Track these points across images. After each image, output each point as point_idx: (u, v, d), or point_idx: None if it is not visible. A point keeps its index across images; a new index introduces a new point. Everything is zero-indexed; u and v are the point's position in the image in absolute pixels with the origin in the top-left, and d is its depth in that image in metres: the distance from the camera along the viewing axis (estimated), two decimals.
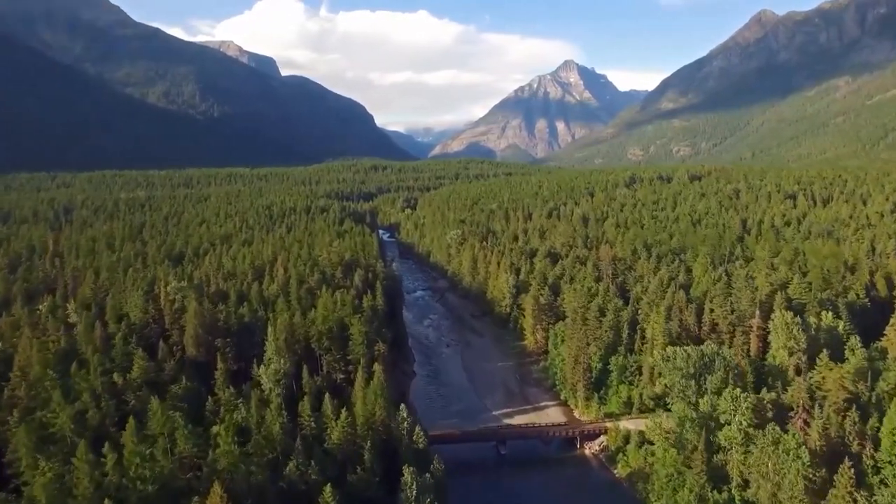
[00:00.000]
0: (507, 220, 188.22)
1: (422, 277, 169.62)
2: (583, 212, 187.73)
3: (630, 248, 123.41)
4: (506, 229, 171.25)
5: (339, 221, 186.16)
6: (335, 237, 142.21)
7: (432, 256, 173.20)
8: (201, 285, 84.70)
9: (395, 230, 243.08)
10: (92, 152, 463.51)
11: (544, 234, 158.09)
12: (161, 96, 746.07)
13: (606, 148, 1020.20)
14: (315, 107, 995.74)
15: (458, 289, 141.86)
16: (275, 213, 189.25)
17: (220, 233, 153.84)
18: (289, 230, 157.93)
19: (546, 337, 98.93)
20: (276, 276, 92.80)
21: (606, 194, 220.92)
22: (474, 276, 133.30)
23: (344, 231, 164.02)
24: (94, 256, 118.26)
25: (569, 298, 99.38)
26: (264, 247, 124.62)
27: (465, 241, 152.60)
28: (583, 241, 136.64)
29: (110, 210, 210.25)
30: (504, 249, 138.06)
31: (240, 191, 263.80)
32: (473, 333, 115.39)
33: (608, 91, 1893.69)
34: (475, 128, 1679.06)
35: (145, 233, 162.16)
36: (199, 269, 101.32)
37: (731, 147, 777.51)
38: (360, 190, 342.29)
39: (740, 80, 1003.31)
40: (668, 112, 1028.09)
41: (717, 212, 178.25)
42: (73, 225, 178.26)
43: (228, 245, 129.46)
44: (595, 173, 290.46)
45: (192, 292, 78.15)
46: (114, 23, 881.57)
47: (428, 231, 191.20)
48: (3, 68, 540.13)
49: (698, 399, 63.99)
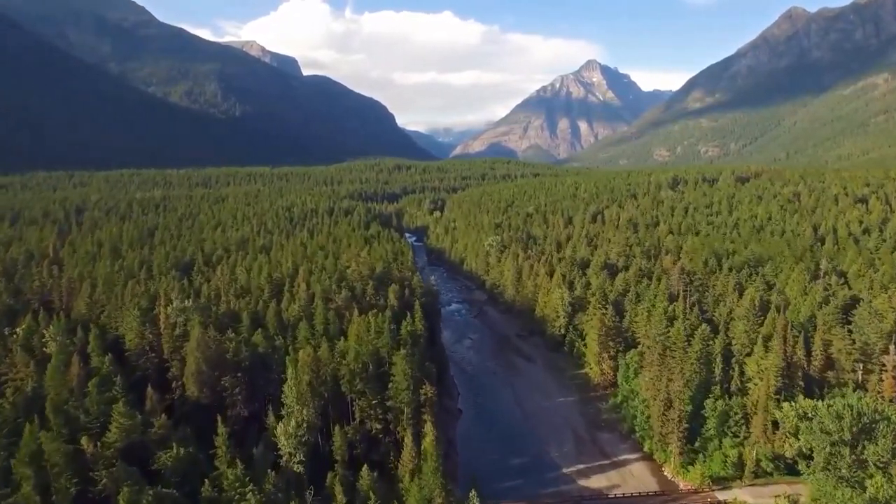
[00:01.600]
0: (547, 224, 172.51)
1: (455, 288, 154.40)
2: (630, 216, 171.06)
3: (700, 259, 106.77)
4: (547, 235, 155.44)
5: (365, 224, 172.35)
6: (362, 243, 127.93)
7: (467, 264, 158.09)
8: (208, 306, 70.63)
9: (424, 234, 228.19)
10: (113, 151, 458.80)
11: (592, 241, 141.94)
12: (183, 96, 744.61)
13: (631, 148, 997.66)
14: (336, 106, 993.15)
15: (499, 302, 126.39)
16: (295, 216, 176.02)
17: (235, 237, 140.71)
18: (311, 235, 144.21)
19: (614, 367, 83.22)
20: (297, 294, 78.54)
21: (651, 197, 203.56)
22: (518, 288, 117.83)
23: (371, 236, 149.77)
24: (94, 264, 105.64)
25: (642, 322, 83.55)
26: (284, 255, 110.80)
27: (506, 249, 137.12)
28: (641, 250, 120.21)
29: (123, 211, 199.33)
30: (550, 258, 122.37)
31: (259, 191, 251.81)
32: (522, 358, 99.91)
33: (631, 91, 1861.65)
34: (496, 128, 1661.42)
35: (157, 236, 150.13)
36: (210, 283, 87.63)
37: (763, 147, 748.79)
38: (384, 190, 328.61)
39: (770, 79, 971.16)
40: (694, 112, 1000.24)
41: (781, 217, 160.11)
42: (83, 227, 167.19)
43: (244, 252, 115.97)
44: (634, 174, 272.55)
45: (197, 315, 64.18)
46: (139, 23, 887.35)
47: (460, 236, 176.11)
48: (27, 68, 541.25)
49: (856, 473, 47.95)
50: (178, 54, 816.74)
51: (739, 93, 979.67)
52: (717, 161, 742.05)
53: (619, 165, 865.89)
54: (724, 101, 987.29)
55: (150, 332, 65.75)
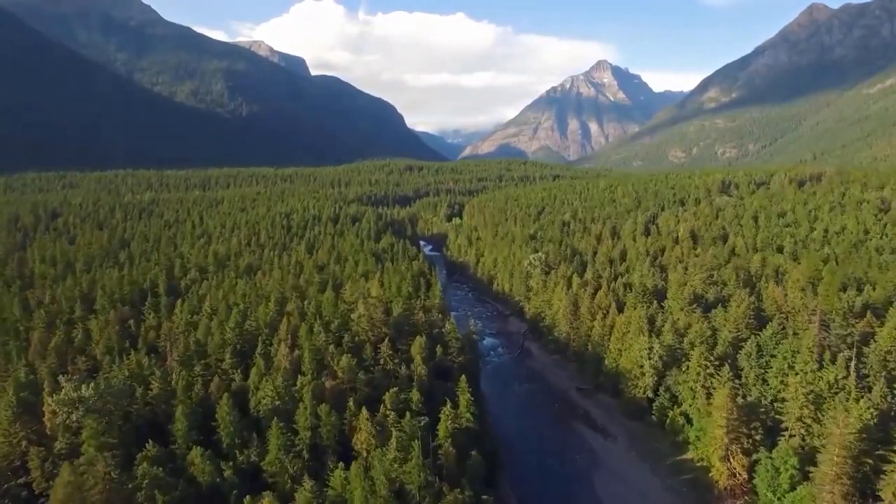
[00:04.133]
0: (589, 234, 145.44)
1: (485, 314, 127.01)
2: (690, 226, 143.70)
3: (831, 293, 79.25)
4: (597, 251, 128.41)
5: (375, 235, 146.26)
6: (373, 263, 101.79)
7: (497, 283, 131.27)
8: (127, 390, 44.27)
9: (442, 244, 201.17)
10: (116, 151, 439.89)
11: (657, 260, 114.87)
12: (189, 95, 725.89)
13: (645, 149, 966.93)
14: (344, 107, 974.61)
15: (547, 338, 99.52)
16: (294, 224, 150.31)
17: (220, 252, 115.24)
18: (309, 250, 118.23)
19: (748, 464, 56.20)
20: (275, 359, 52.38)
21: (707, 203, 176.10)
22: (575, 325, 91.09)
23: (383, 251, 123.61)
24: (13, 293, 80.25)
25: (794, 399, 56.55)
26: (271, 280, 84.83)
27: (552, 271, 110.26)
28: (737, 276, 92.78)
29: (103, 217, 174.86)
30: (613, 286, 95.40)
31: (258, 194, 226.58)
32: (592, 429, 72.84)
33: (642, 91, 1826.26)
34: (506, 129, 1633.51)
35: (133, 248, 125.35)
36: (158, 331, 61.59)
37: (784, 148, 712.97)
38: (395, 193, 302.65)
39: (790, 78, 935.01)
40: (710, 112, 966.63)
41: (879, 230, 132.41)
42: (45, 236, 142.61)
43: (222, 275, 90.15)
44: (674, 176, 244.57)
45: (93, 420, 37.85)
46: (146, 22, 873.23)
47: (487, 249, 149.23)
48: (34, 67, 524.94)
49: None
50: (184, 53, 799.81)
51: (757, 92, 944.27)
52: (736, 162, 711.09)
53: (633, 167, 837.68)
54: (741, 100, 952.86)
55: (28, 433, 39.73)
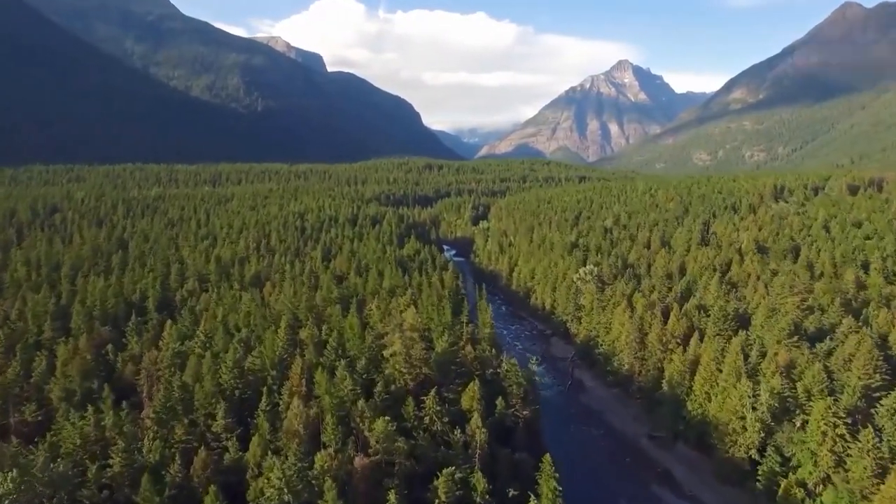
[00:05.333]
0: (635, 242, 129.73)
1: (524, 332, 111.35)
2: (753, 237, 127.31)
3: None
4: (650, 260, 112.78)
5: (398, 239, 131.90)
6: (398, 275, 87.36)
7: (537, 297, 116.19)
8: (61, 478, 30.34)
9: (468, 248, 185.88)
10: (127, 145, 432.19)
11: (726, 274, 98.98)
12: (204, 89, 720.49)
13: (668, 151, 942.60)
14: (361, 103, 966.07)
15: (604, 368, 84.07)
16: (309, 226, 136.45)
17: (224, 257, 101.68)
18: (326, 258, 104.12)
19: None
20: (286, 420, 37.97)
21: (764, 210, 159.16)
22: (641, 356, 75.98)
23: (408, 258, 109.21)
24: None
25: None
26: (282, 296, 70.65)
27: (608, 287, 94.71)
28: (842, 300, 76.68)
29: (105, 213, 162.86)
30: (687, 307, 79.86)
31: (270, 191, 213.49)
32: (676, 494, 57.67)
33: (664, 93, 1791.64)
34: (524, 129, 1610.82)
35: (130, 249, 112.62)
36: (140, 364, 47.53)
37: (816, 152, 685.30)
38: (415, 192, 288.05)
39: (821, 79, 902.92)
40: (736, 113, 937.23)
41: None
42: (43, 234, 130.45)
43: (223, 288, 76.28)
44: (718, 180, 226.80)
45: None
46: (163, 16, 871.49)
47: (522, 258, 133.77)
48: (47, 59, 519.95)
49: None
50: (201, 47, 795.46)
51: (787, 93, 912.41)
52: (765, 166, 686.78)
53: (656, 169, 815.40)
54: (769, 101, 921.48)
55: None
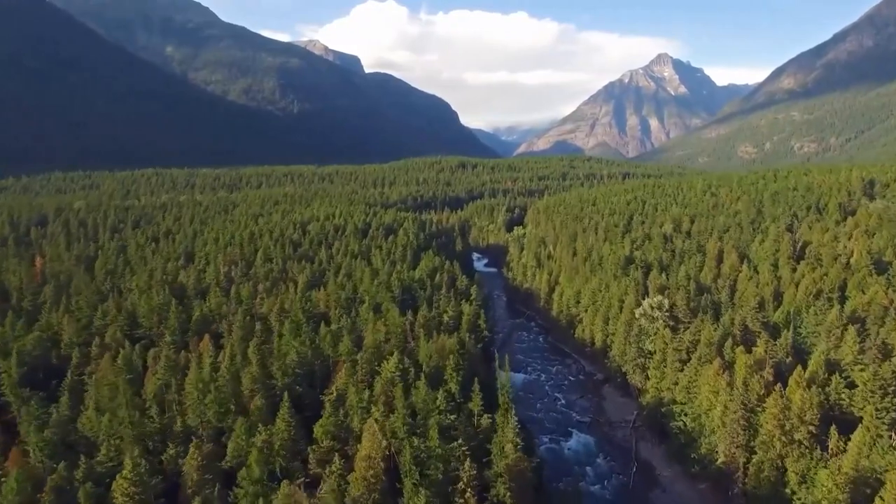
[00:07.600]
0: (703, 254, 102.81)
1: (567, 376, 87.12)
2: (866, 250, 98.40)
3: None
4: (732, 283, 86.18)
5: (413, 254, 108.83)
6: (397, 317, 64.84)
7: (583, 329, 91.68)
8: None
9: (500, 258, 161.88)
10: (161, 149, 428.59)
11: (844, 305, 71.94)
12: (241, 93, 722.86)
13: (712, 145, 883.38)
14: (398, 104, 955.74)
15: (680, 445, 58.92)
16: (307, 240, 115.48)
17: (187, 284, 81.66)
18: (313, 284, 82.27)
19: None
20: None
21: (863, 211, 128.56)
22: (746, 445, 50.89)
23: (419, 285, 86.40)
24: None
25: None
26: (218, 373, 49.04)
27: (687, 331, 69.33)
28: None
29: (94, 225, 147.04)
30: (822, 374, 54.17)
31: (283, 195, 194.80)
32: None
33: (705, 86, 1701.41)
34: (562, 125, 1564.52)
35: (76, 280, 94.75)
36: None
37: (872, 141, 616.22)
38: (445, 193, 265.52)
39: (877, 64, 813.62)
40: (783, 103, 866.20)
41: None
42: (14, 251, 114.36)
43: (138, 350, 55.42)
44: (784, 174, 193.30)
45: None
46: (203, 24, 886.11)
47: (565, 276, 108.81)
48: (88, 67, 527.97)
49: None
50: (238, 52, 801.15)
51: (838, 80, 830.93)
52: (816, 158, 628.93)
53: (699, 164, 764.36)
54: (818, 90, 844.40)
55: None
